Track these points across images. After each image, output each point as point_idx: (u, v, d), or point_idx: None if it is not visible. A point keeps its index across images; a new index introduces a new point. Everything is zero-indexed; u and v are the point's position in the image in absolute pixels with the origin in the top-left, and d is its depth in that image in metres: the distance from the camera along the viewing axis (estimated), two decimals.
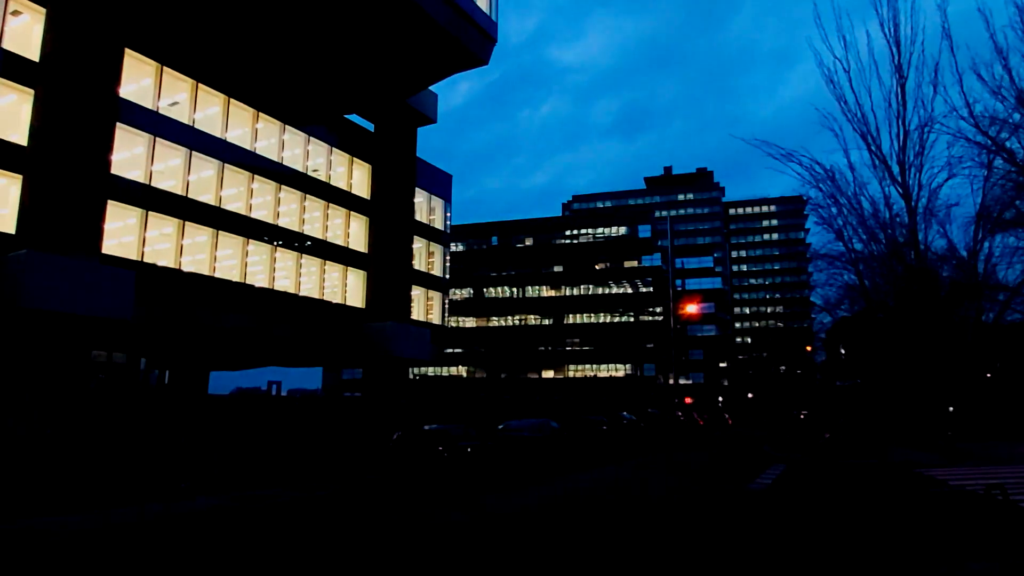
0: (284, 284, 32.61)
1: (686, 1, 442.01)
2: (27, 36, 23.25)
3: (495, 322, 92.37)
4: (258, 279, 31.22)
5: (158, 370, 40.11)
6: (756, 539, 10.14)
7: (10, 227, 21.98)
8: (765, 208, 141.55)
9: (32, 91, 22.75)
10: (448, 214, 44.68)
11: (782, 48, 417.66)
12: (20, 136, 22.59)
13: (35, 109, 22.74)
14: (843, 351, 56.45)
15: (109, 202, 24.51)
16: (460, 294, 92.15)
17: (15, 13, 22.98)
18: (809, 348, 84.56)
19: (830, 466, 22.03)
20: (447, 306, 44.36)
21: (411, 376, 78.09)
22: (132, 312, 23.12)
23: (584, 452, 28.65)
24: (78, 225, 22.63)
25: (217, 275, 29.10)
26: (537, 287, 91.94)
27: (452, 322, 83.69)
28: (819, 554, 9.09)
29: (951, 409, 36.24)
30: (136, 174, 26.30)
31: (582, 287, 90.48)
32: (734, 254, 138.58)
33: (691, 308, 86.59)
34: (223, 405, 31.43)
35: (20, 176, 22.32)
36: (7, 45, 22.39)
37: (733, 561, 8.68)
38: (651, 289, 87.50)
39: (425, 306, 42.01)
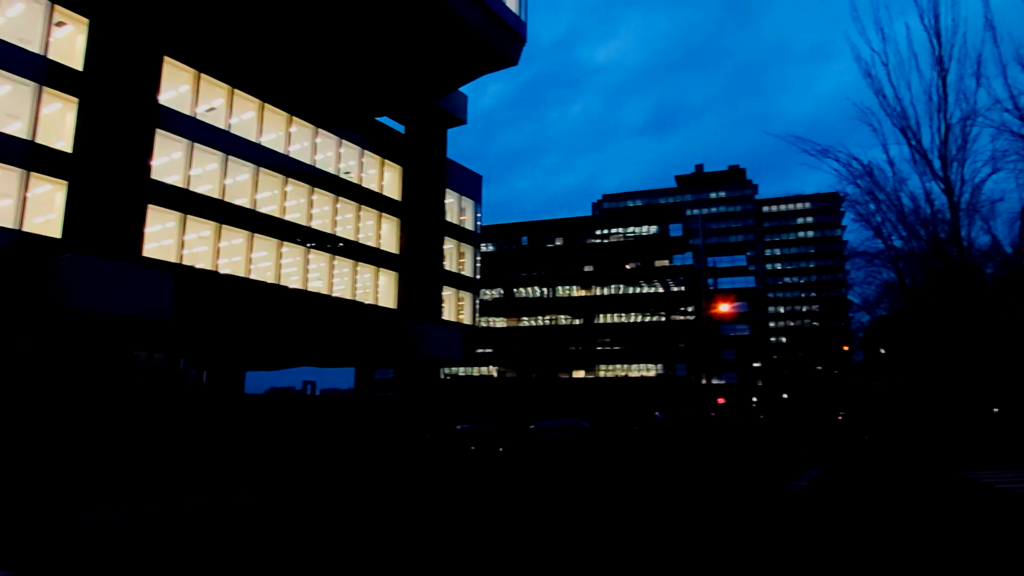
0: (317, 285, 33.07)
1: None
2: (71, 46, 23.98)
3: (525, 322, 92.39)
4: (292, 280, 31.71)
5: (196, 370, 41.00)
6: (799, 539, 9.97)
7: (56, 231, 22.70)
8: (800, 205, 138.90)
9: (76, 99, 23.46)
10: (478, 215, 44.84)
11: (817, 43, 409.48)
12: (65, 143, 23.32)
13: (79, 117, 23.46)
14: (882, 351, 55.11)
15: (149, 206, 25.16)
16: (490, 294, 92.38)
17: (59, 24, 23.72)
18: (846, 348, 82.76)
19: (869, 468, 21.55)
20: (478, 306, 44.51)
21: (442, 376, 78.46)
22: (172, 313, 23.70)
23: (616, 452, 28.48)
24: (120, 229, 23.27)
25: (252, 277, 29.64)
26: (567, 287, 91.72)
27: (483, 322, 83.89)
28: (857, 551, 8.90)
29: (996, 410, 35.15)
30: (175, 178, 26.94)
31: (613, 287, 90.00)
32: (768, 252, 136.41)
33: (723, 307, 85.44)
34: (259, 405, 32.06)
35: (65, 182, 23.04)
36: (52, 55, 23.14)
37: (785, 558, 8.55)
38: (683, 288, 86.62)
39: (456, 306, 42.21)
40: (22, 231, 21.94)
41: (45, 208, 23.08)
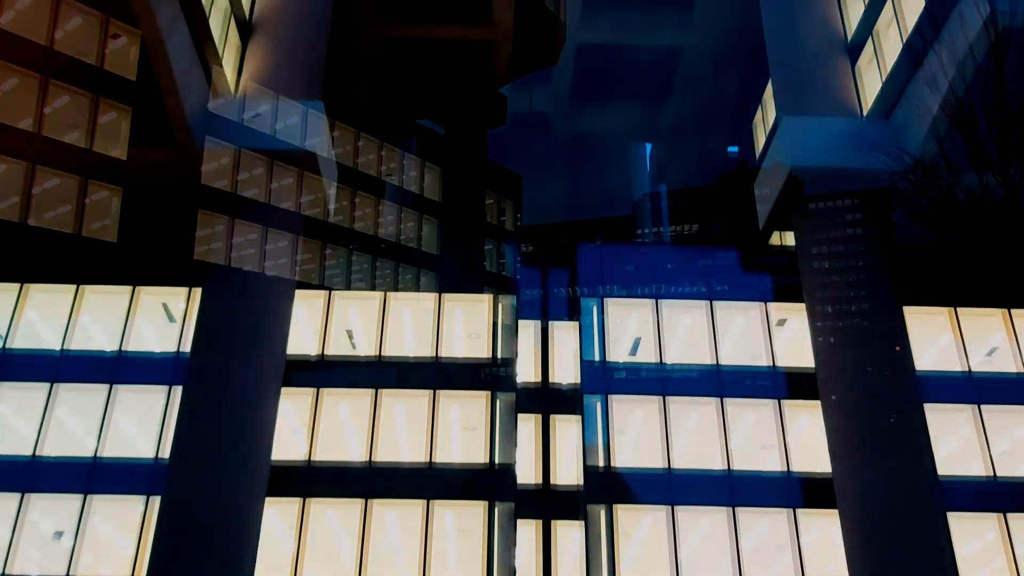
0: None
1: None
2: (125, 58, 24.73)
3: None
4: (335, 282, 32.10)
5: None
6: None
7: (112, 237, 23.47)
8: (847, 201, 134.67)
9: (130, 109, 24.22)
10: (518, 215, 44.74)
11: None
12: (120, 152, 24.09)
13: (132, 125, 24.23)
14: None
15: (200, 212, 25.82)
16: (531, 295, 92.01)
17: (114, 37, 24.51)
18: (898, 348, 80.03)
19: None
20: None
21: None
22: None
23: None
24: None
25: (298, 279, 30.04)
26: None
27: None
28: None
29: None
30: (222, 183, 27.54)
31: None
32: (814, 250, 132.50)
33: None
34: None
35: (120, 189, 23.83)
36: (108, 67, 23.89)
37: None
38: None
39: None
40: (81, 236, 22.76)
41: (103, 214, 23.90)
